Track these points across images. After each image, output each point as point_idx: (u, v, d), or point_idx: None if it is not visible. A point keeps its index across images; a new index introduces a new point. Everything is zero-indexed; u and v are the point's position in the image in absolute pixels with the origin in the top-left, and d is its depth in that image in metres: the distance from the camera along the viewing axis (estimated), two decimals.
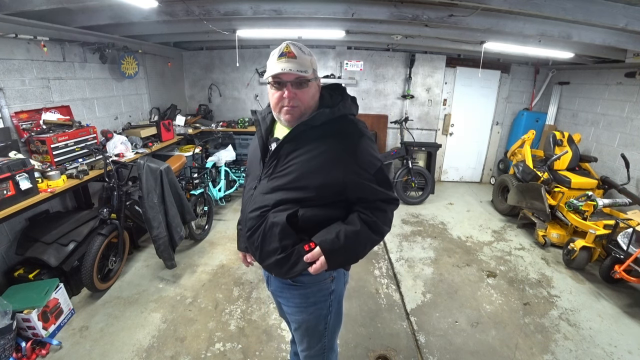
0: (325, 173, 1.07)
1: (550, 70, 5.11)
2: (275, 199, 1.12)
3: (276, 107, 1.12)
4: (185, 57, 5.36)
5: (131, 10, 2.62)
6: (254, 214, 1.16)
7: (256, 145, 1.26)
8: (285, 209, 1.10)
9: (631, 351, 2.25)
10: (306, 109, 1.10)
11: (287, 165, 1.11)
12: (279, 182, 1.12)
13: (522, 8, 2.29)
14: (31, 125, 2.70)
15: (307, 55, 1.08)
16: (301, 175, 1.08)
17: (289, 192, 1.10)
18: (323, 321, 1.32)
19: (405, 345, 2.25)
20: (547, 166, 3.85)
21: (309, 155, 1.08)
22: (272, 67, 1.05)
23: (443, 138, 5.64)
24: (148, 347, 2.17)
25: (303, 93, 1.08)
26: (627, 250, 2.67)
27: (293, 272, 1.13)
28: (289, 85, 1.06)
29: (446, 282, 2.97)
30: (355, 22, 3.24)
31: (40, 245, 2.46)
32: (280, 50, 1.06)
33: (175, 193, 2.95)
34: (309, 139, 1.09)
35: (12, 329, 1.97)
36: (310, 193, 1.09)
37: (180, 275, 2.95)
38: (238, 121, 5.14)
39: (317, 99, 1.15)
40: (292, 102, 1.07)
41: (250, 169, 1.32)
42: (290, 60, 1.03)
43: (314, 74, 1.10)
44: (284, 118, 1.12)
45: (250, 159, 1.33)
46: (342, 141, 1.09)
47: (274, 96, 1.10)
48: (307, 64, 1.06)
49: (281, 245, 1.11)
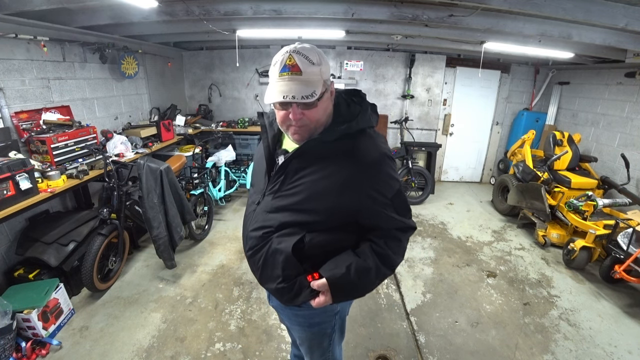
0: (337, 196, 0.95)
1: (550, 70, 5.11)
2: (279, 220, 1.01)
3: (283, 125, 0.99)
4: (185, 57, 5.36)
5: (131, 10, 2.62)
6: (256, 233, 1.06)
7: (262, 155, 1.12)
8: (291, 234, 1.00)
9: (631, 351, 2.25)
10: (317, 126, 0.97)
11: (294, 183, 0.99)
12: (285, 202, 1.01)
13: (522, 8, 2.29)
14: (31, 125, 2.70)
15: (315, 66, 0.91)
16: (310, 196, 0.97)
17: (295, 214, 0.99)
18: (327, 339, 1.28)
19: (405, 345, 2.25)
20: (547, 166, 3.85)
21: (320, 174, 0.97)
22: (273, 88, 0.91)
23: (443, 138, 5.64)
24: (148, 347, 2.17)
25: (312, 112, 0.94)
26: (627, 250, 2.67)
27: (294, 302, 1.04)
28: (294, 106, 0.92)
29: (446, 282, 2.97)
30: (355, 22, 3.24)
31: (40, 245, 2.46)
32: (282, 62, 0.90)
33: (175, 193, 2.95)
34: (321, 156, 0.97)
35: (12, 329, 1.97)
36: (319, 217, 0.98)
37: (180, 275, 2.95)
38: (238, 121, 5.14)
39: (330, 110, 1.00)
40: (300, 123, 0.94)
41: (255, 180, 1.20)
42: (294, 77, 0.88)
43: (325, 86, 0.94)
44: (292, 137, 1.00)
45: (255, 169, 1.21)
46: (358, 161, 0.96)
47: (279, 115, 0.97)
48: (315, 80, 0.90)
49: (283, 275, 1.01)
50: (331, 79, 1.00)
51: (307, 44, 0.96)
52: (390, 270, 1.03)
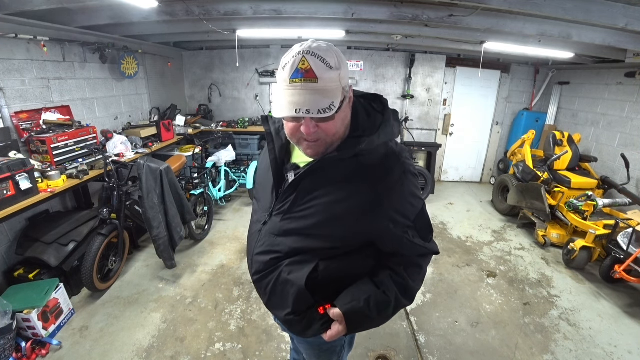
0: (356, 221, 0.85)
1: (550, 70, 5.11)
2: (289, 245, 0.91)
3: (293, 138, 0.85)
4: (185, 57, 5.36)
5: (131, 10, 2.62)
6: (263, 258, 0.96)
7: (267, 166, 0.97)
8: (302, 262, 0.90)
9: (631, 351, 2.25)
10: (334, 140, 0.83)
11: (307, 205, 0.87)
12: (295, 225, 0.89)
13: (522, 8, 2.29)
14: (31, 125, 2.70)
15: (333, 71, 0.75)
16: (325, 220, 0.86)
17: (308, 240, 0.89)
18: (336, 356, 1.21)
19: (405, 345, 2.25)
20: (547, 166, 3.85)
21: (337, 195, 0.85)
22: (283, 98, 0.76)
23: (443, 138, 5.64)
24: (148, 347, 2.17)
25: (328, 125, 0.80)
26: (627, 250, 2.67)
27: (304, 335, 0.95)
28: (307, 119, 0.77)
29: (446, 282, 2.97)
30: (355, 22, 3.24)
31: (40, 245, 2.46)
32: (293, 65, 0.74)
33: (175, 193, 2.95)
34: (338, 174, 0.85)
35: (12, 329, 1.97)
36: (335, 243, 0.88)
37: (180, 275, 2.95)
38: (238, 121, 5.14)
39: (349, 121, 0.86)
40: (314, 137, 0.80)
41: (260, 195, 1.05)
42: (307, 86, 0.73)
43: (344, 93, 0.79)
44: (305, 152, 0.87)
45: (260, 182, 1.05)
46: (379, 180, 0.85)
47: (289, 127, 0.83)
48: (333, 89, 0.76)
49: (293, 308, 0.92)
50: (349, 84, 0.84)
51: (323, 42, 0.78)
52: (409, 301, 0.93)
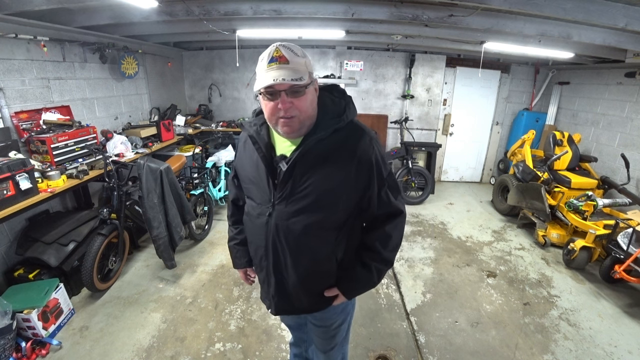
0: (345, 184, 1.03)
1: (550, 70, 5.11)
2: (302, 223, 1.06)
3: (272, 119, 1.00)
4: (185, 57, 5.36)
5: (131, 10, 2.62)
6: (281, 243, 1.10)
7: (254, 165, 1.12)
8: (317, 234, 1.08)
9: (631, 351, 2.25)
10: (305, 118, 1.00)
11: (305, 185, 1.02)
12: (301, 205, 1.04)
13: (522, 8, 2.29)
14: (31, 125, 2.70)
15: (300, 58, 0.96)
16: (323, 192, 1.02)
17: (315, 214, 1.04)
18: (345, 333, 1.43)
19: (405, 345, 2.25)
20: (547, 166, 3.85)
21: (326, 169, 1.01)
22: (262, 77, 0.94)
23: (443, 138, 5.64)
24: (148, 347, 2.17)
25: (300, 101, 0.96)
26: (627, 250, 2.66)
27: (317, 307, 1.24)
28: (283, 94, 0.94)
29: (446, 282, 2.97)
30: (355, 22, 3.24)
31: (40, 245, 2.46)
32: (269, 54, 0.94)
33: (175, 193, 2.95)
34: (322, 152, 1.02)
35: (12, 329, 1.97)
36: (334, 212, 1.06)
37: (180, 275, 2.95)
38: (238, 121, 5.14)
39: (315, 104, 1.03)
40: (290, 112, 0.96)
41: (253, 192, 1.16)
42: (282, 66, 0.92)
43: (310, 78, 0.99)
44: (282, 130, 1.01)
45: (250, 179, 1.15)
46: (355, 147, 1.02)
47: (267, 107, 0.98)
48: (301, 69, 0.95)
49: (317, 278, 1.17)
50: (315, 77, 1.04)
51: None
52: (390, 265, 1.20)
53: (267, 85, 0.91)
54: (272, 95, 0.95)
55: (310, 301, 1.22)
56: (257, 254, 1.21)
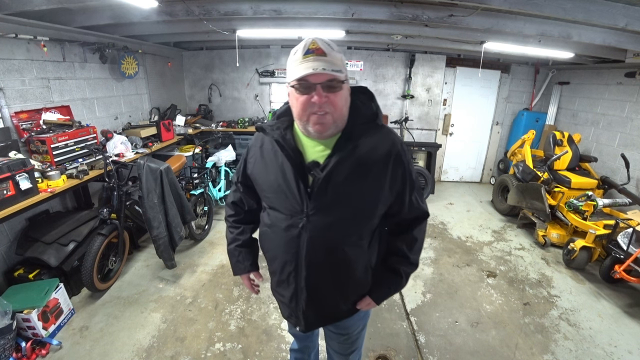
0: (381, 189, 1.00)
1: (550, 70, 5.11)
2: (341, 233, 1.02)
3: (302, 115, 0.92)
4: (185, 57, 5.36)
5: (131, 10, 2.62)
6: (321, 255, 1.04)
7: (279, 172, 1.01)
8: (357, 243, 1.06)
9: (631, 351, 2.25)
10: (339, 116, 0.93)
11: (343, 193, 0.97)
12: (339, 214, 1.00)
13: (522, 8, 2.29)
14: (31, 125, 2.70)
15: (337, 53, 0.90)
16: (361, 201, 1.00)
17: (353, 223, 1.02)
18: (362, 339, 1.43)
19: (405, 345, 2.25)
20: (547, 166, 3.84)
21: (363, 177, 0.97)
22: (298, 68, 0.87)
23: (443, 138, 5.64)
24: (148, 347, 2.17)
25: (336, 97, 0.90)
26: (627, 250, 2.66)
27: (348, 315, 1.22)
28: (318, 87, 0.87)
29: (446, 282, 2.97)
30: (355, 22, 3.24)
31: (40, 245, 2.46)
32: (305, 46, 0.88)
33: (175, 193, 2.95)
34: (357, 158, 0.96)
35: (12, 329, 1.97)
36: (371, 219, 1.05)
37: (180, 275, 2.95)
38: (238, 121, 5.14)
39: (348, 104, 0.97)
40: (324, 108, 0.89)
41: (277, 202, 1.06)
42: (319, 58, 0.86)
43: (346, 74, 0.93)
44: (313, 128, 0.94)
45: (275, 188, 1.04)
46: (389, 155, 0.99)
47: (299, 101, 0.90)
48: (339, 63, 0.89)
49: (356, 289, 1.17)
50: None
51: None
52: (416, 267, 1.19)
53: (305, 74, 0.85)
54: (306, 89, 0.88)
55: (344, 311, 1.20)
56: (283, 270, 1.12)
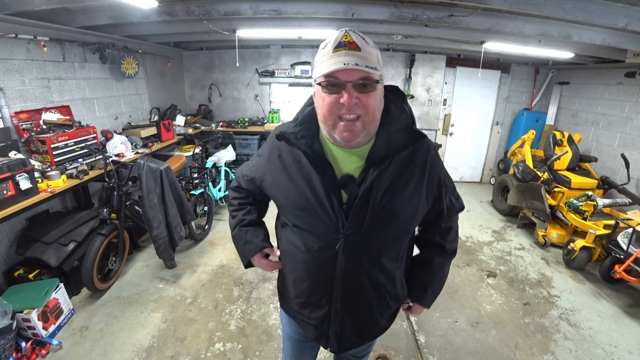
0: (424, 200, 0.93)
1: (550, 70, 5.11)
2: (383, 252, 0.95)
3: (328, 118, 0.80)
4: (185, 57, 5.36)
5: (131, 10, 2.62)
6: (360, 279, 0.95)
7: (306, 188, 0.89)
8: (393, 257, 0.98)
9: (631, 351, 2.25)
10: (370, 121, 0.81)
11: (384, 210, 0.87)
12: (381, 232, 0.90)
13: (522, 8, 2.28)
14: (31, 125, 2.70)
15: (373, 48, 0.79)
16: (402, 216, 0.91)
17: (393, 240, 0.95)
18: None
19: (405, 345, 2.25)
20: (547, 166, 3.84)
21: (402, 189, 0.89)
22: (327, 63, 0.76)
23: (443, 138, 5.64)
24: (148, 347, 2.17)
25: (369, 98, 0.78)
26: (627, 250, 2.66)
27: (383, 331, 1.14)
28: (349, 86, 0.75)
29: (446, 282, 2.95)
30: (355, 22, 3.24)
31: (40, 245, 2.46)
32: (336, 39, 0.77)
33: (175, 193, 2.95)
34: (394, 169, 0.88)
35: (12, 329, 1.97)
36: (409, 232, 0.99)
37: (180, 275, 2.95)
38: (238, 121, 5.14)
39: (382, 108, 0.85)
40: (354, 110, 0.78)
41: (305, 221, 0.94)
42: (352, 52, 0.75)
43: (381, 75, 0.82)
44: (340, 136, 0.82)
45: (302, 206, 0.91)
46: (425, 164, 0.92)
47: (326, 102, 0.79)
48: (374, 60, 0.78)
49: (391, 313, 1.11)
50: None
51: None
52: (454, 255, 1.16)
53: (335, 69, 0.74)
54: (335, 87, 0.77)
55: (381, 327, 1.13)
56: (313, 293, 1.01)
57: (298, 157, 0.91)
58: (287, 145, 0.92)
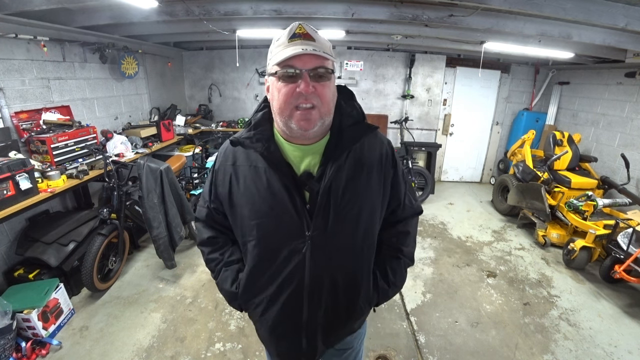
0: (384, 193, 0.95)
1: (550, 70, 5.11)
2: (349, 249, 0.93)
3: (285, 109, 0.80)
4: (185, 57, 5.37)
5: (131, 10, 2.62)
6: (327, 281, 0.93)
7: (266, 193, 0.87)
8: (363, 256, 0.97)
9: (631, 351, 2.25)
10: (326, 112, 0.82)
11: (345, 205, 0.88)
12: (345, 229, 0.90)
13: (522, 8, 2.29)
14: (31, 125, 2.70)
15: (325, 41, 0.82)
16: (364, 210, 0.91)
17: (359, 235, 0.93)
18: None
19: (405, 345, 2.25)
20: (547, 166, 3.84)
21: (361, 183, 0.90)
22: (285, 51, 0.76)
23: (443, 138, 5.64)
24: (148, 347, 2.17)
25: (324, 88, 0.79)
26: (627, 250, 2.66)
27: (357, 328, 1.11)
28: (306, 75, 0.76)
29: (446, 282, 2.97)
30: (355, 22, 3.24)
31: (40, 245, 2.46)
32: (290, 31, 0.78)
33: (175, 193, 2.95)
34: (351, 163, 0.89)
35: (12, 329, 1.97)
36: (374, 227, 0.97)
37: (180, 275, 2.95)
38: (238, 121, 5.15)
39: (335, 101, 0.88)
40: (311, 99, 0.78)
41: (267, 230, 0.90)
42: (307, 42, 0.77)
43: (334, 67, 0.84)
44: (297, 125, 0.81)
45: (263, 213, 0.89)
46: (380, 157, 0.94)
47: (282, 92, 0.79)
48: (328, 50, 0.80)
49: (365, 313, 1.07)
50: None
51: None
52: (411, 262, 1.11)
53: (294, 54, 0.75)
54: (291, 78, 0.78)
55: (355, 328, 1.10)
56: (285, 307, 0.95)
57: (254, 162, 0.89)
58: (243, 151, 0.91)
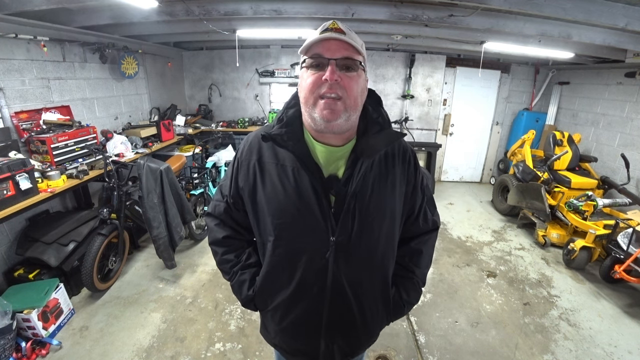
0: (403, 205, 0.95)
1: (550, 70, 5.11)
2: (374, 256, 0.92)
3: (309, 97, 0.79)
4: (185, 57, 5.36)
5: (131, 10, 2.62)
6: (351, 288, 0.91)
7: (293, 193, 0.85)
8: (385, 264, 0.96)
9: (631, 351, 2.25)
10: (351, 106, 0.79)
11: (371, 208, 0.87)
12: (370, 235, 0.89)
13: (522, 8, 2.29)
14: (31, 125, 2.70)
15: (358, 39, 0.82)
16: (389, 216, 0.91)
17: (382, 241, 0.92)
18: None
19: (405, 345, 2.25)
20: (547, 166, 3.85)
21: (385, 189, 0.89)
22: (314, 39, 0.78)
23: (443, 138, 5.64)
24: (148, 347, 2.17)
25: (351, 80, 0.78)
26: (627, 250, 2.66)
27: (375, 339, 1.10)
28: (332, 63, 0.75)
29: (446, 282, 2.97)
30: (355, 22, 3.24)
31: (40, 245, 2.46)
32: (324, 26, 0.79)
33: (175, 193, 2.95)
34: (376, 166, 0.89)
35: (12, 329, 1.97)
36: (396, 233, 0.96)
37: (180, 275, 2.95)
38: (238, 121, 5.14)
39: (363, 99, 0.85)
40: (335, 89, 0.76)
41: (289, 230, 0.88)
42: (339, 35, 0.77)
43: (365, 64, 0.83)
44: (320, 114, 0.78)
45: (287, 213, 0.86)
46: (405, 159, 0.95)
47: (308, 81, 0.78)
48: (359, 45, 0.79)
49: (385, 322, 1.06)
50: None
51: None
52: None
53: (321, 37, 0.75)
54: (318, 67, 0.77)
55: (374, 339, 1.10)
56: (304, 311, 0.95)
57: (282, 160, 0.87)
58: (269, 147, 0.89)
